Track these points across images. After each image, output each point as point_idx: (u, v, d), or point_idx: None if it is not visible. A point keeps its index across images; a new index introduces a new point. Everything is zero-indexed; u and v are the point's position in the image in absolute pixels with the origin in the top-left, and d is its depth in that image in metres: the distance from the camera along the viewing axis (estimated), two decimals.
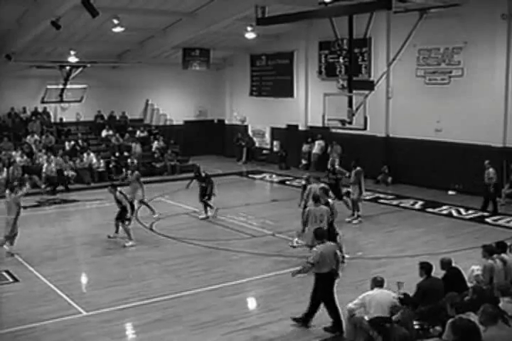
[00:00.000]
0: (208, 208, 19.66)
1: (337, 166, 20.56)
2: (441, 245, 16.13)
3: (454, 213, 20.11)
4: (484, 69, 22.04)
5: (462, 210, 20.34)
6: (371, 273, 12.67)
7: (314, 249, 10.77)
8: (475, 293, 9.04)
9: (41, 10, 21.13)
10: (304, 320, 10.96)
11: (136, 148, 29.50)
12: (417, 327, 9.23)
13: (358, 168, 18.93)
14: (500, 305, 8.36)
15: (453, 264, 10.54)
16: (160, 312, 11.68)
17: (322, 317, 10.87)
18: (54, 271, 14.28)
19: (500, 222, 18.74)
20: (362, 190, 18.91)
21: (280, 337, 10.56)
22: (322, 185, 16.51)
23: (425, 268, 10.06)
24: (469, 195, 22.05)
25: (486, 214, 19.71)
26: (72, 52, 26.60)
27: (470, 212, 20.11)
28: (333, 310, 10.76)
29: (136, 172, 20.09)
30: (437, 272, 10.46)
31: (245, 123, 33.53)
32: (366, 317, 9.47)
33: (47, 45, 26.26)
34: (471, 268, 10.99)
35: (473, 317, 7.76)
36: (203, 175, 19.93)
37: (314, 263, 10.52)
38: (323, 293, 10.75)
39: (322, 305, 10.84)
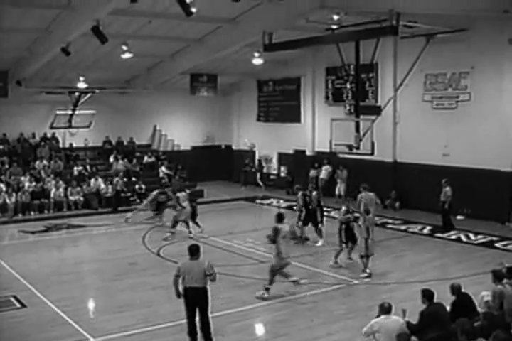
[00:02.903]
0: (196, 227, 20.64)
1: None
2: (450, 270, 16.04)
3: (463, 238, 20.01)
4: (491, 94, 22.09)
5: (471, 235, 20.23)
6: (380, 298, 12.56)
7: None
8: (485, 319, 8.95)
9: (52, 37, 21.48)
10: None
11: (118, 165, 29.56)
12: None
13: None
14: None
15: (463, 290, 10.45)
16: (167, 339, 11.59)
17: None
18: (61, 296, 14.21)
19: (509, 247, 18.61)
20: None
21: None
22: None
23: (427, 295, 9.97)
24: (478, 220, 21.96)
25: (495, 238, 19.61)
26: (81, 78, 26.86)
27: (479, 236, 20.00)
28: None
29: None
30: (448, 297, 10.38)
31: (254, 149, 33.58)
32: None
33: (56, 71, 26.51)
34: (482, 294, 10.87)
35: None
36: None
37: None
38: None
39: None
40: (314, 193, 19.96)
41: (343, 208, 17.13)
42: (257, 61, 26.36)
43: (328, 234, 19.61)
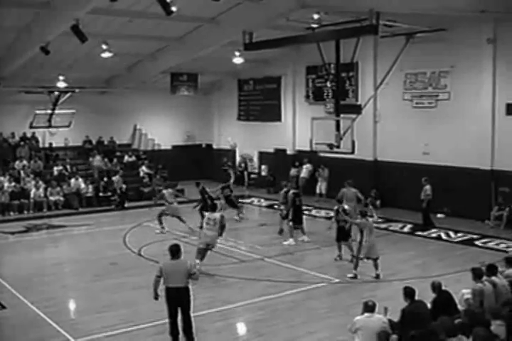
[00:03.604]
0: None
1: (346, 206, 17.77)
2: (431, 268, 16.12)
3: (444, 236, 20.14)
4: (471, 93, 22.25)
5: (451, 233, 20.37)
6: (361, 297, 12.63)
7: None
8: (466, 316, 9.01)
9: (31, 36, 21.27)
10: None
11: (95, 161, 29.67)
12: None
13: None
14: (492, 328, 8.33)
15: (443, 287, 10.51)
16: (149, 339, 11.56)
17: None
18: (42, 297, 14.12)
19: (489, 245, 18.77)
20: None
21: None
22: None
23: (408, 293, 10.04)
24: (458, 218, 22.12)
25: (475, 236, 19.76)
26: (60, 78, 26.65)
27: (459, 234, 20.14)
28: None
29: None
30: (429, 295, 10.44)
31: (236, 149, 33.60)
32: None
33: (36, 70, 26.27)
34: (462, 291, 10.94)
35: None
36: None
37: None
38: None
39: None
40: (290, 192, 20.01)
41: (335, 207, 17.28)
42: (238, 60, 26.37)
43: (307, 232, 19.73)
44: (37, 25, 20.51)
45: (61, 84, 27.06)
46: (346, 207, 17.34)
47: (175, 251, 11.27)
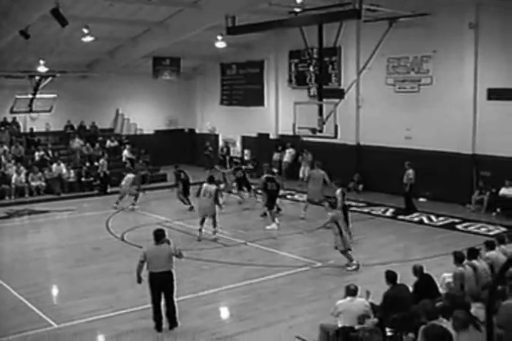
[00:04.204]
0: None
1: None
2: (412, 252, 16.26)
3: (425, 220, 20.26)
4: (453, 78, 22.29)
5: (433, 217, 20.50)
6: (343, 281, 12.72)
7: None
8: (447, 299, 9.09)
9: (10, 19, 20.98)
10: None
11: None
12: (389, 334, 9.25)
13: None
14: (472, 310, 8.42)
15: (425, 271, 10.60)
16: (131, 324, 11.55)
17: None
18: (24, 283, 14.08)
19: (470, 229, 18.92)
20: None
21: None
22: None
23: (390, 276, 10.13)
24: (440, 202, 22.26)
25: (456, 220, 19.90)
26: (41, 62, 26.35)
27: (441, 218, 20.28)
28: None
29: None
30: (410, 278, 10.53)
31: (216, 133, 33.56)
32: (340, 326, 9.48)
33: (16, 54, 26.02)
34: (443, 275, 11.06)
35: (446, 324, 7.82)
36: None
37: None
38: None
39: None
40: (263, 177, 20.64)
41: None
42: (220, 44, 26.24)
43: (290, 217, 19.81)
44: (16, 8, 20.24)
45: (42, 69, 26.78)
46: (338, 192, 17.34)
47: (159, 236, 11.29)
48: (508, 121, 20.94)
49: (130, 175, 23.13)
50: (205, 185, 18.16)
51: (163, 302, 11.24)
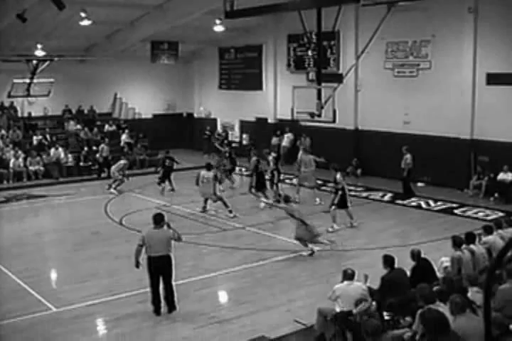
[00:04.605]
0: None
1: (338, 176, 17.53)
2: (411, 237, 16.29)
3: (423, 205, 20.30)
4: (451, 62, 22.23)
5: (431, 202, 20.53)
6: (342, 265, 12.76)
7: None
8: (444, 283, 9.14)
9: (7, 3, 20.84)
10: None
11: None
12: (387, 318, 9.30)
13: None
14: (469, 295, 8.47)
15: (422, 255, 10.64)
16: (131, 308, 11.63)
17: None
18: (23, 267, 14.14)
19: (468, 213, 18.96)
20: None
21: (251, 331, 10.57)
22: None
23: (388, 260, 10.18)
24: (438, 187, 22.29)
25: (454, 205, 19.94)
26: (39, 46, 26.24)
27: (439, 203, 20.31)
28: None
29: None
30: (408, 262, 10.57)
31: (212, 117, 33.53)
32: (337, 310, 9.52)
33: (13, 38, 25.83)
34: (441, 259, 11.10)
35: (443, 308, 7.86)
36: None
37: None
38: None
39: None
40: (271, 157, 21.69)
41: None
42: (219, 28, 26.13)
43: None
44: None
45: (39, 53, 26.67)
46: (338, 176, 17.39)
47: (159, 220, 11.33)
48: (507, 106, 20.93)
49: (122, 161, 23.40)
50: (202, 172, 19.11)
51: (161, 286, 11.29)
